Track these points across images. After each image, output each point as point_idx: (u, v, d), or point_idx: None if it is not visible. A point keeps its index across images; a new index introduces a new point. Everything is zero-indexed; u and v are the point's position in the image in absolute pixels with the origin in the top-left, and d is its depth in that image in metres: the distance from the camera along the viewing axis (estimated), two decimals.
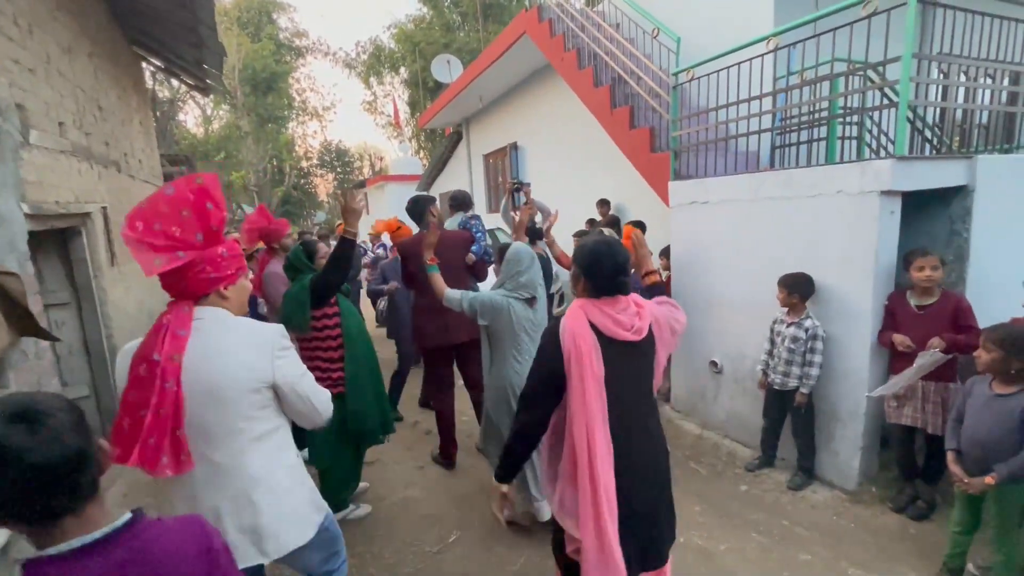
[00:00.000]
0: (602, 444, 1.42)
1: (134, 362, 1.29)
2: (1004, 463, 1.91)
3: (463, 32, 20.31)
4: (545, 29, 5.92)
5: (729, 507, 2.91)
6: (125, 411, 1.27)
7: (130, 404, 1.26)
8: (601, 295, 1.53)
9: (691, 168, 3.99)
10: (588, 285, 1.54)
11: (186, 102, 20.66)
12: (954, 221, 2.93)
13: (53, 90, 2.96)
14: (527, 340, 2.45)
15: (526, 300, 2.44)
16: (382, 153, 28.75)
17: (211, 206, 1.35)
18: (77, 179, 3.17)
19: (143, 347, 1.30)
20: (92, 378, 3.36)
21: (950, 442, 2.15)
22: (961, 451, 2.10)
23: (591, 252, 1.53)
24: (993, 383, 2.04)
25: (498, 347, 2.49)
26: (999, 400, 1.99)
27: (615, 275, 1.51)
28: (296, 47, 24.36)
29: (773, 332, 3.09)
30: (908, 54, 2.51)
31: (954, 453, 2.12)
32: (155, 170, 5.54)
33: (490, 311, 2.39)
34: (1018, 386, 1.96)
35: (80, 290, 3.26)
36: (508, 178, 8.68)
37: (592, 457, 1.41)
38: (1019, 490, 1.97)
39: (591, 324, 1.47)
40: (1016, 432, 1.92)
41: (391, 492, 3.22)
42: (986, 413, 2.02)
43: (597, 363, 1.43)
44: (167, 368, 1.25)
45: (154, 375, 1.24)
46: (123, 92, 4.49)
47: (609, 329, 1.47)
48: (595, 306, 1.51)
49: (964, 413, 2.12)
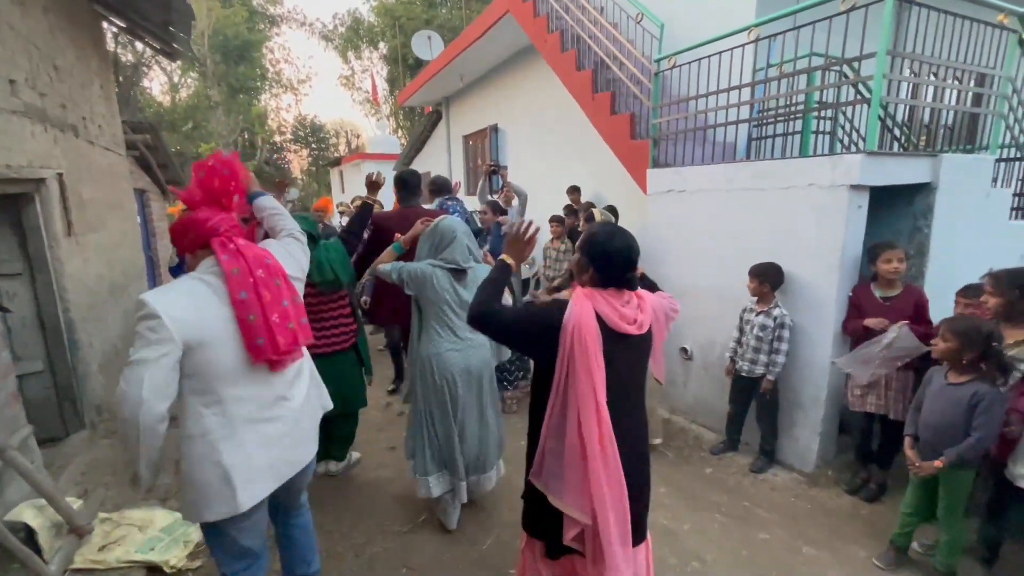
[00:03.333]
0: (609, 429, 1.43)
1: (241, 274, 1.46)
2: (953, 448, 2.02)
3: (445, 9, 19.83)
4: (528, 9, 5.82)
5: (694, 489, 3.00)
6: (268, 309, 1.48)
7: (270, 302, 1.49)
8: (608, 287, 1.50)
9: (670, 156, 4.01)
10: (597, 276, 1.51)
11: (151, 68, 19.66)
12: (917, 217, 3.03)
13: (3, 46, 2.76)
14: (452, 316, 2.41)
15: (451, 272, 2.40)
16: (359, 130, 28.02)
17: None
18: (31, 142, 2.98)
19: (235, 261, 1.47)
20: (47, 353, 3.21)
21: (908, 428, 2.25)
22: (918, 437, 2.21)
23: (604, 243, 1.49)
24: (948, 373, 2.14)
25: (425, 320, 2.47)
26: (951, 388, 2.09)
27: (626, 269, 1.49)
28: (270, 15, 23.39)
29: (742, 321, 3.16)
30: (883, 50, 2.56)
31: (911, 439, 2.23)
32: (117, 137, 5.26)
33: (416, 280, 2.38)
34: (968, 376, 2.06)
35: (33, 260, 3.08)
36: (487, 160, 8.58)
37: (603, 441, 1.42)
38: (966, 475, 2.09)
39: (597, 315, 1.45)
40: (964, 419, 2.02)
41: (362, 472, 3.20)
42: (939, 401, 2.12)
43: (599, 356, 1.42)
44: (279, 268, 1.58)
45: (274, 274, 1.54)
46: (82, 52, 4.22)
47: (614, 322, 1.45)
48: (601, 297, 1.48)
49: (923, 401, 2.22)
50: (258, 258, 1.52)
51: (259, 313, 1.47)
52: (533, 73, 7.01)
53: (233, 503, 1.46)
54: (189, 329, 1.37)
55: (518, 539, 1.53)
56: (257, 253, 1.54)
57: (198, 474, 1.44)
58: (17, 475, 2.21)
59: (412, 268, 2.40)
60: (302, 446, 1.68)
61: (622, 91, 4.63)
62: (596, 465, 1.43)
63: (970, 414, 2.01)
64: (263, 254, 1.56)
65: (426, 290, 2.39)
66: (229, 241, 1.51)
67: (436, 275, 2.38)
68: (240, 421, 1.48)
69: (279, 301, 1.52)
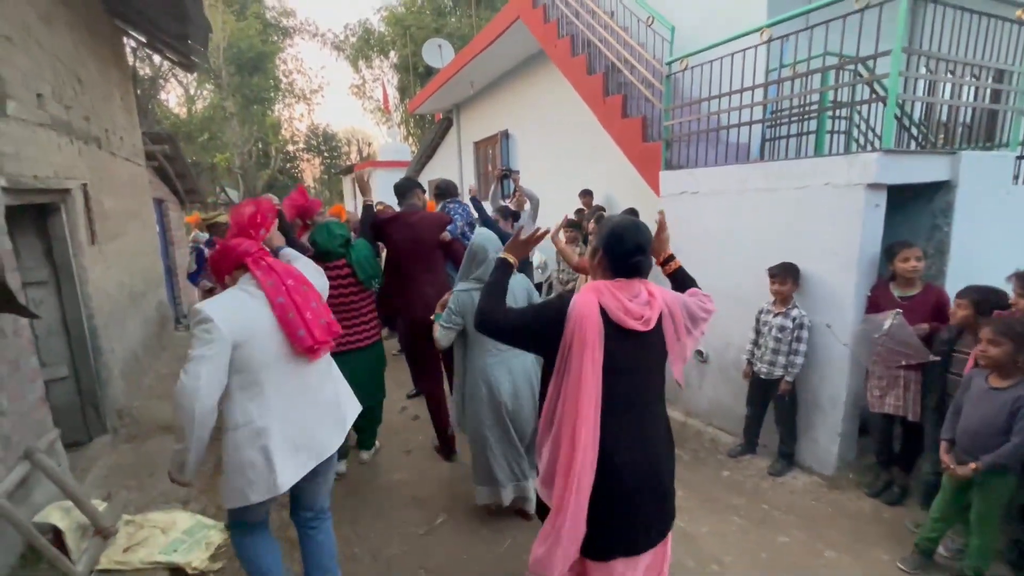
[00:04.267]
0: (590, 427, 1.40)
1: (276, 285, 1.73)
2: (991, 453, 1.98)
3: (455, 17, 19.99)
4: (539, 15, 5.87)
5: (711, 492, 2.97)
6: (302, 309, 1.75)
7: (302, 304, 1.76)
8: (618, 275, 1.49)
9: (682, 158, 4.01)
10: (606, 261, 1.50)
11: (168, 80, 20.08)
12: (936, 215, 2.99)
13: (31, 60, 2.85)
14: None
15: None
16: (370, 138, 28.29)
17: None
18: (57, 154, 3.07)
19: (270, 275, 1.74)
20: (72, 359, 3.28)
21: (946, 432, 2.20)
22: (955, 441, 2.16)
23: (614, 227, 1.50)
24: (990, 377, 2.08)
25: (469, 336, 2.49)
26: (993, 393, 2.04)
27: (635, 252, 1.48)
28: (283, 27, 23.76)
29: (759, 322, 3.14)
30: (898, 48, 2.54)
31: (948, 443, 2.18)
32: (137, 148, 5.40)
33: (463, 311, 2.43)
34: (1013, 380, 2.02)
35: (59, 268, 3.16)
36: (498, 165, 8.62)
37: (576, 436, 1.40)
38: (1004, 482, 2.04)
39: (601, 308, 1.43)
40: (1005, 424, 1.98)
41: (378, 475, 3.22)
42: (980, 406, 2.07)
43: (599, 350, 1.40)
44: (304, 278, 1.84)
45: (301, 282, 1.80)
46: (103, 66, 4.34)
47: (618, 317, 1.43)
48: (608, 289, 1.46)
49: (962, 405, 2.16)
50: (287, 270, 1.81)
51: (295, 311, 1.74)
52: (543, 78, 7.04)
53: (274, 485, 1.67)
54: (236, 328, 1.61)
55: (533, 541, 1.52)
56: (285, 267, 1.82)
57: (245, 457, 1.66)
58: (44, 478, 2.26)
59: (456, 303, 2.45)
60: (329, 435, 1.86)
61: (633, 94, 4.64)
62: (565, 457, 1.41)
63: (1012, 419, 1.97)
64: (290, 268, 1.84)
65: (468, 315, 2.43)
66: (261, 259, 1.78)
67: (472, 298, 2.40)
68: (278, 407, 1.71)
69: (309, 302, 1.79)
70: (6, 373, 2.21)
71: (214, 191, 20.84)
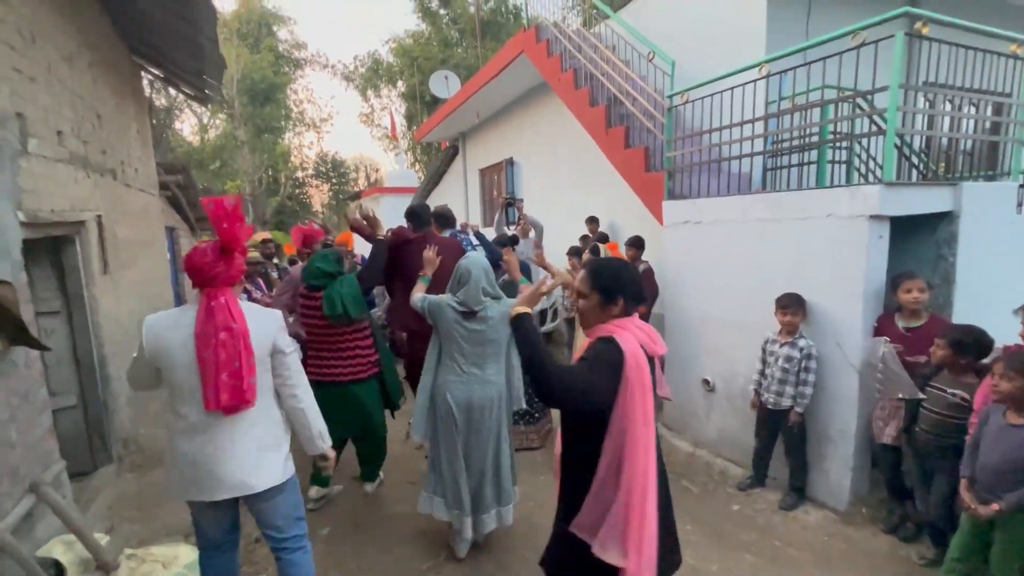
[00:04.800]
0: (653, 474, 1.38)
1: (206, 334, 1.70)
2: (1013, 492, 1.92)
3: (461, 48, 20.56)
4: (542, 49, 6.03)
5: (720, 526, 2.91)
6: (219, 369, 1.70)
7: (222, 363, 1.70)
8: (631, 311, 1.49)
9: (685, 188, 4.05)
10: (625, 304, 1.47)
11: (183, 110, 20.67)
12: (940, 246, 3.00)
13: (53, 99, 2.96)
14: (467, 348, 2.49)
15: (460, 314, 2.49)
16: (378, 165, 28.82)
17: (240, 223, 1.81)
18: (73, 187, 3.15)
19: (208, 322, 1.71)
20: (80, 387, 3.30)
21: (964, 469, 2.14)
22: (975, 479, 2.10)
23: (619, 270, 1.50)
24: (1008, 412, 2.03)
25: (445, 348, 2.57)
26: (1012, 430, 1.99)
27: (638, 285, 1.51)
28: (295, 59, 24.52)
29: (765, 352, 3.12)
30: (895, 84, 2.59)
31: (967, 480, 2.12)
32: (151, 178, 5.53)
33: (433, 312, 2.54)
34: None
35: (71, 298, 3.22)
36: (503, 193, 8.74)
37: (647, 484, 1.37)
38: None
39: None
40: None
41: (381, 508, 3.18)
42: (1000, 443, 2.01)
43: (650, 386, 1.38)
44: (245, 331, 1.74)
45: (236, 337, 1.72)
46: (121, 101, 4.49)
47: (652, 348, 1.43)
48: (632, 324, 1.45)
49: (980, 441, 2.11)
50: (225, 321, 1.74)
51: (213, 370, 1.71)
52: (547, 108, 7.20)
53: (181, 492, 1.81)
54: (156, 348, 1.73)
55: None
56: (227, 317, 1.74)
57: (167, 457, 1.84)
58: (49, 510, 2.25)
59: (432, 300, 2.54)
60: (240, 472, 1.81)
61: (635, 125, 4.72)
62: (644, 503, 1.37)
63: None
64: (233, 317, 1.75)
65: (439, 321, 2.53)
66: (214, 297, 1.75)
67: (448, 309, 2.50)
68: (180, 432, 1.78)
69: (231, 362, 1.72)
70: (17, 405, 2.23)
71: None
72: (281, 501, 1.93)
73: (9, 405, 2.17)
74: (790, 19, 4.41)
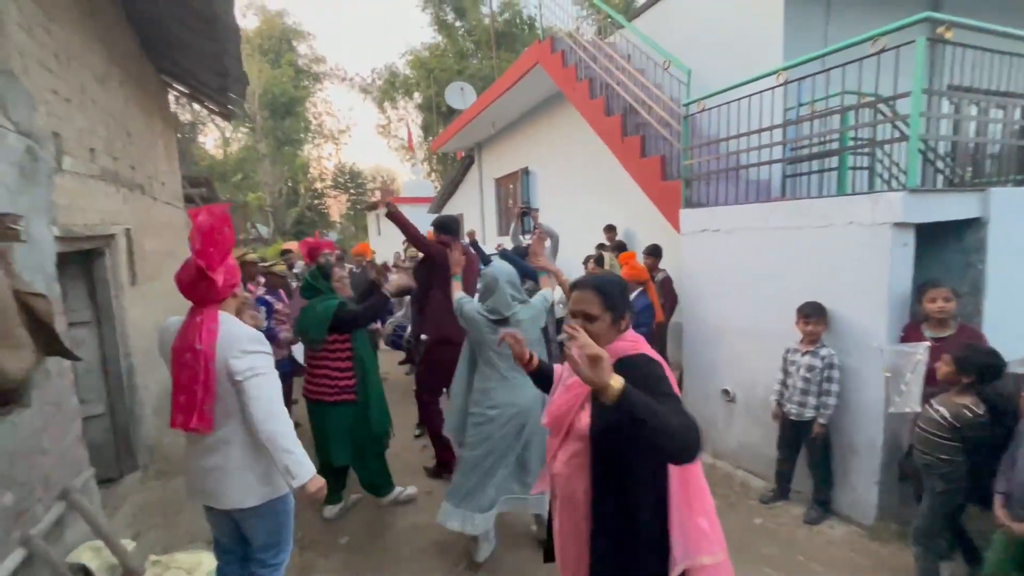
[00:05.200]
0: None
1: (177, 351, 1.71)
2: None
3: (476, 60, 20.82)
4: (557, 60, 6.07)
5: (742, 540, 2.85)
6: (179, 389, 1.70)
7: (183, 383, 1.70)
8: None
9: (702, 196, 4.03)
10: (630, 316, 1.47)
11: (206, 124, 21.28)
12: (968, 253, 2.92)
13: (86, 118, 3.08)
14: (496, 359, 2.55)
15: (492, 322, 2.56)
16: (395, 175, 29.23)
17: (227, 230, 1.76)
18: (104, 202, 3.27)
19: (182, 339, 1.71)
20: (108, 396, 3.39)
21: (1000, 485, 2.07)
22: (1011, 495, 2.03)
23: (621, 284, 1.49)
24: None
25: (480, 355, 2.64)
26: None
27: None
28: (314, 72, 25.07)
29: (786, 362, 3.07)
30: (918, 90, 2.55)
31: (1003, 497, 2.05)
32: (176, 192, 5.69)
33: (468, 322, 2.62)
34: None
35: (101, 309, 3.32)
36: (518, 202, 8.78)
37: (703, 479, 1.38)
38: None
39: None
40: None
41: (399, 519, 3.19)
42: None
43: None
44: (208, 355, 1.69)
45: (198, 359, 1.68)
46: (150, 117, 4.65)
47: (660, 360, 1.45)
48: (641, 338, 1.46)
49: (1016, 458, 2.04)
50: (191, 343, 1.70)
51: (173, 390, 1.73)
52: (562, 117, 7.23)
53: (189, 493, 1.91)
54: (162, 348, 1.82)
55: None
56: (192, 339, 1.70)
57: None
58: (78, 516, 2.31)
59: (467, 310, 2.62)
60: (215, 484, 1.83)
61: (651, 134, 4.72)
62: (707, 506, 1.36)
63: None
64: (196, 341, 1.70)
65: (474, 332, 2.60)
66: (193, 315, 1.75)
67: (479, 317, 2.58)
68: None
69: (192, 385, 1.69)
70: (50, 414, 2.30)
71: (245, 228, 21.65)
72: (257, 524, 1.92)
73: (43, 413, 2.24)
74: (808, 25, 4.38)
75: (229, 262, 1.81)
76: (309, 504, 1.99)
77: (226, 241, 1.75)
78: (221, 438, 1.80)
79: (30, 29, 2.46)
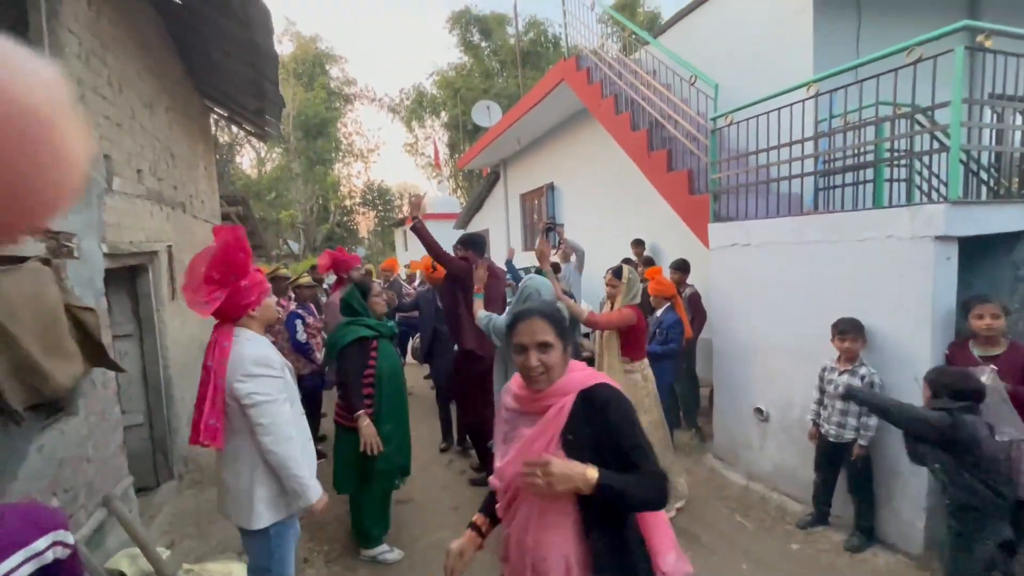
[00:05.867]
0: None
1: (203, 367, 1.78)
2: None
3: (502, 78, 21.16)
4: (583, 77, 6.12)
5: (779, 566, 2.74)
6: (197, 404, 1.77)
7: (198, 398, 1.76)
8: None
9: (731, 210, 3.97)
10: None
11: (243, 145, 22.15)
12: (1018, 267, 2.79)
13: (134, 141, 3.26)
14: None
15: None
16: (425, 189, 29.74)
17: (242, 253, 1.82)
18: (148, 220, 3.43)
19: (204, 368, 1.78)
20: (147, 406, 3.52)
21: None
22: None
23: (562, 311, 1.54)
24: None
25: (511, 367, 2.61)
26: None
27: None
28: (345, 94, 25.88)
29: (823, 381, 2.96)
30: (957, 99, 2.47)
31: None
32: (215, 210, 5.93)
33: (499, 334, 2.62)
34: None
35: (143, 322, 3.47)
36: (544, 217, 8.81)
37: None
38: None
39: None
40: None
41: (424, 533, 3.18)
42: None
43: None
44: (219, 371, 1.75)
45: (209, 376, 1.75)
46: (192, 140, 4.88)
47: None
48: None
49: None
50: (206, 359, 1.79)
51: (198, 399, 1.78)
52: (588, 133, 7.26)
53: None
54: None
55: None
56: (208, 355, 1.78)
57: None
58: (117, 523, 2.39)
59: (497, 323, 2.64)
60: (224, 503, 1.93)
61: (678, 148, 4.69)
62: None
63: None
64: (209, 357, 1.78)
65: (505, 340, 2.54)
66: (216, 330, 1.83)
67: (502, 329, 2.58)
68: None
69: (203, 398, 1.76)
70: (95, 423, 2.40)
71: (278, 244, 22.32)
72: (251, 544, 1.96)
73: (88, 422, 2.33)
74: (839, 37, 4.32)
75: (243, 282, 1.82)
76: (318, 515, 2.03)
77: (237, 263, 1.81)
78: (230, 454, 1.85)
79: (87, 59, 2.63)
